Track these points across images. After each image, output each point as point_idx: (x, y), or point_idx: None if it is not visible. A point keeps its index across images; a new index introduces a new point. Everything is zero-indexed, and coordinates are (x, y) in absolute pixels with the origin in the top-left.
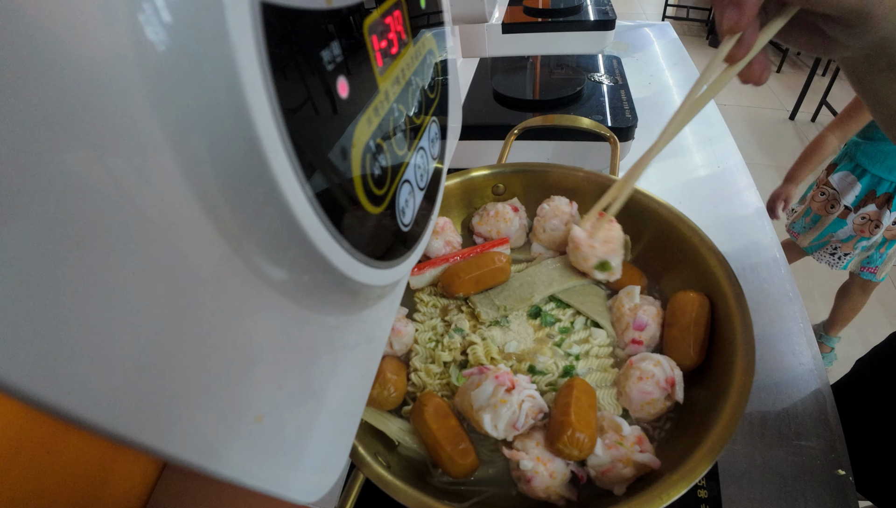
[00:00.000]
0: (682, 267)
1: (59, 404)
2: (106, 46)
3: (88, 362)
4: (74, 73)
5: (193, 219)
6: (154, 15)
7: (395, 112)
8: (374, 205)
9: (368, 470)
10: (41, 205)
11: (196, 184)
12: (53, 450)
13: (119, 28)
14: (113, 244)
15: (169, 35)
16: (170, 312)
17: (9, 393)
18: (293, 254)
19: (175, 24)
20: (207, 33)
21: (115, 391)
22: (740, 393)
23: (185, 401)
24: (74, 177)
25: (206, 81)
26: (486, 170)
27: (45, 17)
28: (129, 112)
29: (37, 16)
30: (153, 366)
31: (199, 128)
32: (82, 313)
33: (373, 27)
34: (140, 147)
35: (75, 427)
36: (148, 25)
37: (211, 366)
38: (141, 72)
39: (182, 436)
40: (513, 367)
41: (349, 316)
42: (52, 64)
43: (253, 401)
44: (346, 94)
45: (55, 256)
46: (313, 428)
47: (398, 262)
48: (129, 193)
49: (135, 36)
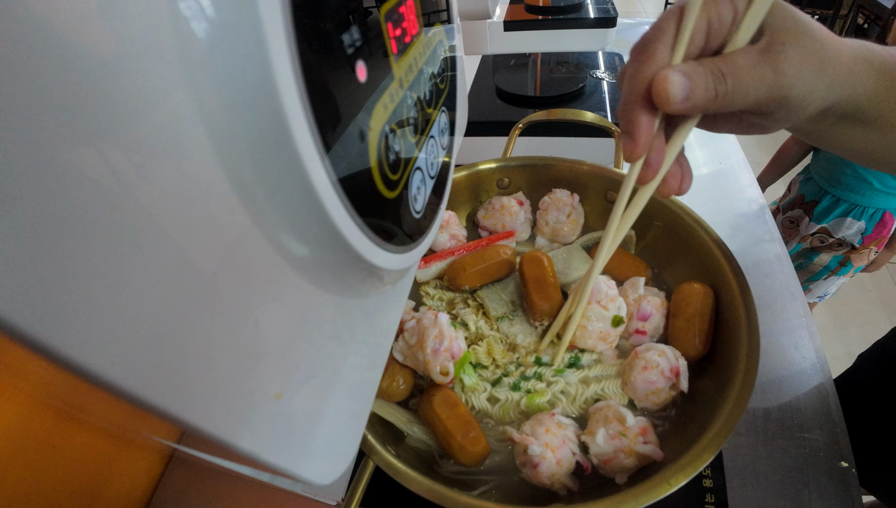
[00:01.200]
0: (686, 258)
1: (102, 373)
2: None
3: (125, 331)
4: (119, 44)
5: (222, 194)
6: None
7: (409, 99)
8: (389, 190)
9: (379, 458)
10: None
11: (226, 161)
12: (55, 447)
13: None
14: (146, 215)
15: (206, 20)
16: (198, 286)
17: (61, 363)
18: (314, 232)
19: (212, 9)
20: (242, 18)
21: (147, 360)
22: (744, 382)
23: (210, 373)
24: (101, 163)
25: (239, 65)
26: (491, 163)
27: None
28: (165, 88)
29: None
30: (180, 336)
31: (231, 109)
32: (117, 282)
33: (388, 14)
34: (175, 122)
35: (111, 397)
36: (187, 10)
37: (234, 340)
38: (178, 48)
39: (206, 408)
40: (520, 359)
41: (361, 300)
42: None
43: (272, 378)
44: (364, 78)
45: (91, 219)
46: (328, 410)
47: (409, 249)
48: (163, 171)
49: (174, 18)
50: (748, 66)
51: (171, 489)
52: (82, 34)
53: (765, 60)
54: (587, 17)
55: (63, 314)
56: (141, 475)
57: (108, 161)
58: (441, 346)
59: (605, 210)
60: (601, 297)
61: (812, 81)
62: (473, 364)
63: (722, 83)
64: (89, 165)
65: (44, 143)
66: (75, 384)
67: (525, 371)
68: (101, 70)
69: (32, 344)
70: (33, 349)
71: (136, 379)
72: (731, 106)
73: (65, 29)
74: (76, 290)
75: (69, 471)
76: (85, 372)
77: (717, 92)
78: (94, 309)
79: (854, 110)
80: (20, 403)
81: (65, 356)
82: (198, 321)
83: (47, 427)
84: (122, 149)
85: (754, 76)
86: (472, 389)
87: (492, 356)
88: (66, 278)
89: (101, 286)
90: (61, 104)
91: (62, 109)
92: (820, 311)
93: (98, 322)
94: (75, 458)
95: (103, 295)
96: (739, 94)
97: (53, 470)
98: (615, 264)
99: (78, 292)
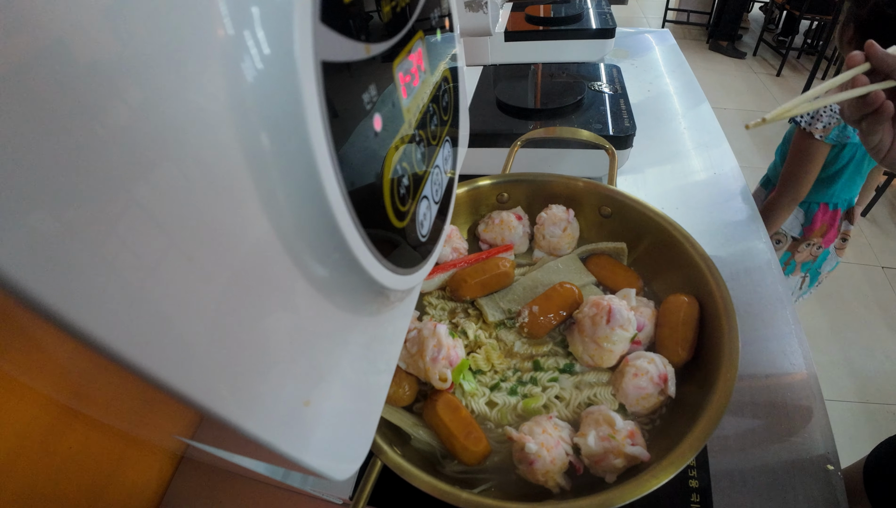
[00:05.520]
0: (674, 271)
1: (148, 368)
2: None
3: (190, 344)
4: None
5: (262, 229)
6: (253, 68)
7: (417, 137)
8: (400, 220)
9: (386, 458)
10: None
11: (269, 209)
12: (59, 444)
13: (227, 73)
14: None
15: (256, 84)
16: (252, 308)
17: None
18: (335, 258)
19: (262, 75)
20: (284, 86)
21: (203, 365)
22: (725, 387)
23: (265, 385)
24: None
25: (281, 122)
26: (491, 179)
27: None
28: (219, 135)
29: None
30: (230, 345)
31: (272, 158)
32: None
33: (400, 66)
34: (228, 169)
35: (170, 400)
36: (248, 71)
37: (275, 355)
38: (236, 109)
39: (263, 418)
40: (517, 365)
41: (374, 317)
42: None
43: (303, 387)
44: (379, 128)
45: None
46: (345, 412)
47: (416, 269)
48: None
49: (234, 80)
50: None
51: (182, 489)
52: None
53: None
54: (588, 27)
55: (108, 307)
56: (152, 475)
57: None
58: (440, 355)
59: (598, 223)
60: (623, 322)
61: None
62: (473, 370)
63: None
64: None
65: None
66: (95, 378)
67: (522, 376)
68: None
69: (72, 330)
70: (72, 334)
71: (203, 390)
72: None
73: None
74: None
75: (79, 469)
76: (133, 366)
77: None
78: (150, 315)
79: None
80: (31, 401)
81: (114, 349)
82: (251, 344)
83: (57, 425)
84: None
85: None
86: (471, 394)
87: (490, 362)
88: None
89: (153, 286)
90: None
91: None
92: (816, 314)
93: (150, 325)
94: (85, 456)
95: (157, 302)
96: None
97: (63, 467)
98: (608, 274)
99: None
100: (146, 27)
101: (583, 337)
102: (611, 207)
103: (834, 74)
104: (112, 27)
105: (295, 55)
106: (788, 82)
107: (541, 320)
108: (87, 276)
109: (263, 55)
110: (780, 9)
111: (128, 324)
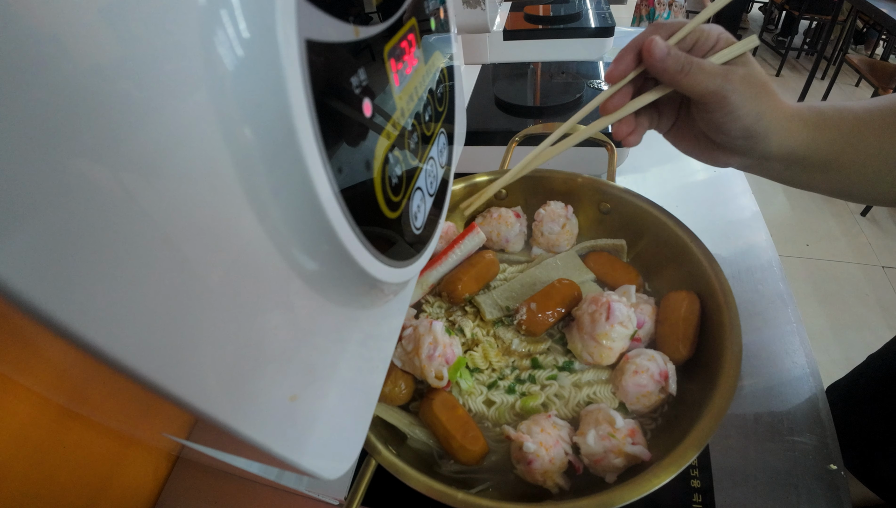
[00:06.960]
0: (675, 267)
1: (148, 375)
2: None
3: (185, 347)
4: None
5: (248, 222)
6: (230, 49)
7: (410, 126)
8: (391, 211)
9: (381, 458)
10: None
11: (253, 197)
12: (56, 445)
13: (204, 57)
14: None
15: (237, 65)
16: (242, 304)
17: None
18: (325, 250)
19: (243, 56)
20: (265, 65)
21: (203, 370)
22: (728, 385)
23: (256, 383)
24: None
25: (263, 108)
26: (488, 175)
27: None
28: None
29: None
30: (235, 356)
31: (256, 147)
32: (155, 285)
33: (391, 51)
34: (211, 156)
35: (161, 400)
36: (226, 55)
37: (261, 347)
38: (214, 92)
39: (253, 416)
40: (515, 363)
41: (366, 310)
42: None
43: (289, 381)
44: (369, 113)
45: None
46: (337, 411)
47: (409, 263)
48: (203, 202)
49: (212, 65)
50: (709, 67)
51: (177, 489)
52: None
53: (721, 71)
54: (587, 26)
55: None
56: (148, 475)
57: (165, 196)
58: (435, 352)
59: (598, 220)
60: (623, 319)
61: (746, 99)
62: (470, 368)
63: (688, 66)
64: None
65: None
66: (90, 378)
67: (520, 374)
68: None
69: (64, 333)
70: (64, 336)
71: (200, 395)
72: (688, 85)
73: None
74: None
75: (75, 469)
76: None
77: (682, 68)
78: (126, 304)
79: (800, 158)
80: (28, 402)
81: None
82: (239, 338)
83: (54, 425)
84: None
85: (710, 73)
86: (468, 392)
87: (488, 359)
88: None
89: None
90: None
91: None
92: (817, 315)
93: (133, 318)
94: (82, 457)
95: (135, 291)
96: (696, 80)
97: (59, 468)
98: (608, 271)
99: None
100: (122, 17)
101: (582, 335)
102: (610, 203)
103: (832, 77)
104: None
105: (277, 32)
106: (788, 82)
107: (539, 317)
108: (74, 278)
109: (243, 35)
110: (779, 9)
111: (116, 325)
